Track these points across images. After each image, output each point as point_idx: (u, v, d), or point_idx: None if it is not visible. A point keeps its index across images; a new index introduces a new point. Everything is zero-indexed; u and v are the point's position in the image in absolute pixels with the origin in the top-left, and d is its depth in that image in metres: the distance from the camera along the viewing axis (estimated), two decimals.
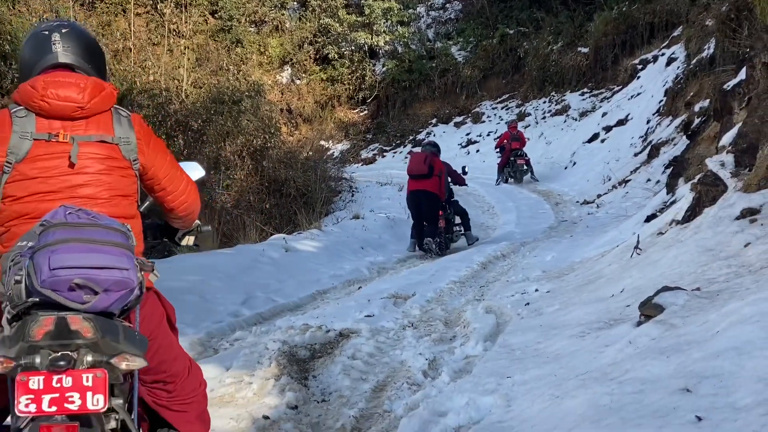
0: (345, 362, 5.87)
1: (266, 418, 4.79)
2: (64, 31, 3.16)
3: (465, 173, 14.29)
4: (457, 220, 13.83)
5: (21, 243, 2.64)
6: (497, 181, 23.02)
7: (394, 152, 32.79)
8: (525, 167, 23.22)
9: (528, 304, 7.13)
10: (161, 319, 3.27)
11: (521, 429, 3.80)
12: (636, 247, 7.34)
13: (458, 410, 4.36)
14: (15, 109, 3.00)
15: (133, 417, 2.83)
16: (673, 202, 8.91)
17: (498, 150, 23.96)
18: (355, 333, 6.71)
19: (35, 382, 2.46)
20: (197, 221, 3.66)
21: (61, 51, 3.12)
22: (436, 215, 12.82)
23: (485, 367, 5.11)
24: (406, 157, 31.17)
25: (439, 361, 5.89)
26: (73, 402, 2.48)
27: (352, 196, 20.26)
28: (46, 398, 2.46)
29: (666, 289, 4.86)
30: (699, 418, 3.02)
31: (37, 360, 2.50)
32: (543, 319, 6.24)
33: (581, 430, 3.38)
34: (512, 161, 23.18)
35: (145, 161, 3.19)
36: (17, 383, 2.46)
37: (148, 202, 3.52)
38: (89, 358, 2.55)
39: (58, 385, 2.48)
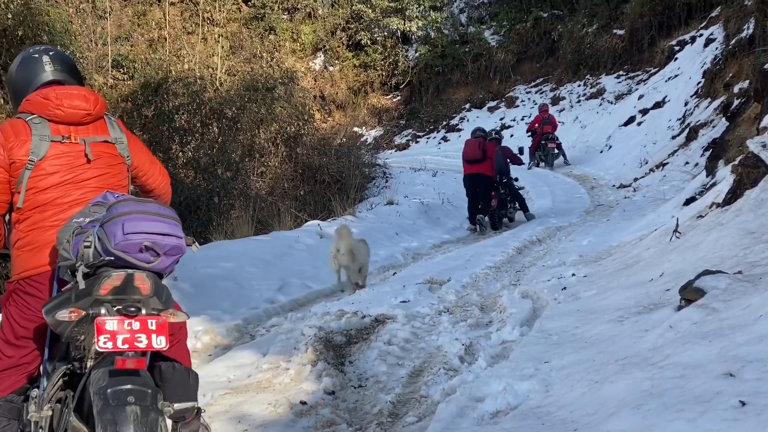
0: (381, 348, 5.87)
1: (303, 403, 4.79)
2: (51, 53, 3.82)
3: (521, 153, 16.15)
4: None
5: (77, 219, 3.23)
6: (529, 165, 22.80)
7: (428, 138, 32.72)
8: (556, 151, 23.08)
9: (565, 288, 7.06)
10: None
11: (560, 414, 3.76)
12: (675, 231, 7.23)
13: (495, 395, 4.33)
14: (29, 118, 3.57)
15: None
16: (713, 185, 8.75)
17: (529, 134, 23.80)
18: (390, 318, 6.70)
19: (111, 324, 2.98)
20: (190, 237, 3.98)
21: (52, 70, 3.76)
22: (489, 195, 14.16)
23: (522, 352, 5.07)
24: (439, 143, 31.19)
25: (476, 346, 5.86)
26: (141, 341, 3.01)
27: (386, 182, 20.23)
28: (120, 337, 2.98)
29: (707, 272, 4.77)
30: (743, 403, 2.96)
31: (103, 311, 3.00)
32: (580, 304, 6.17)
33: (621, 415, 3.34)
34: (543, 145, 23.04)
35: (133, 156, 3.84)
36: (97, 325, 2.96)
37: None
38: (143, 311, 3.06)
39: (129, 327, 3.00)
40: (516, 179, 15.55)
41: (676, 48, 24.71)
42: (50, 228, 3.41)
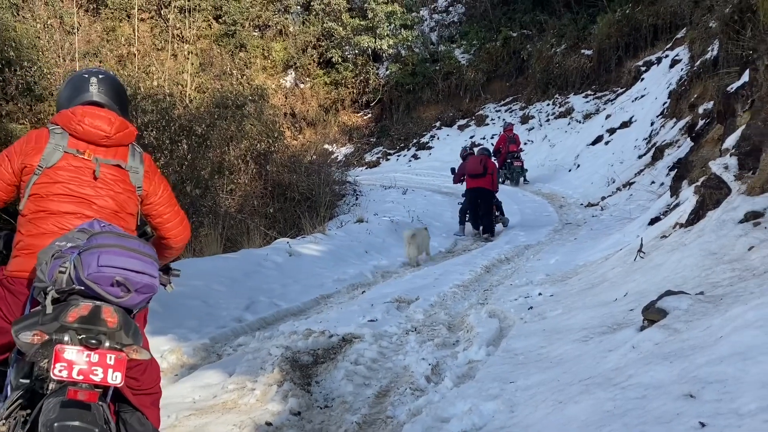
0: (348, 368, 5.86)
1: (269, 424, 4.78)
2: (101, 77, 3.93)
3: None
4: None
5: (60, 243, 3.25)
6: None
7: (398, 155, 32.78)
8: (520, 170, 23.32)
9: (531, 308, 7.12)
10: (144, 319, 3.81)
11: None
12: (639, 251, 7.33)
13: (461, 416, 4.35)
14: (53, 128, 3.70)
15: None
16: (677, 205, 8.88)
17: (494, 152, 24.03)
18: (358, 338, 6.69)
19: (70, 353, 3.00)
20: (169, 265, 4.17)
21: (96, 92, 3.86)
22: (491, 207, 15.44)
23: (488, 372, 5.10)
24: (409, 161, 31.30)
25: (442, 366, 5.88)
26: (97, 375, 3.02)
27: (356, 199, 20.24)
28: (76, 368, 3.00)
29: (669, 293, 4.84)
30: (703, 425, 3.00)
31: (66, 338, 3.02)
32: (546, 324, 6.22)
33: None
34: (509, 163, 23.29)
35: (148, 189, 3.85)
36: (55, 352, 2.98)
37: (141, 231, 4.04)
38: (107, 344, 3.06)
39: (87, 359, 3.02)
40: None
41: (643, 69, 25.06)
42: (49, 236, 3.44)
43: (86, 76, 3.91)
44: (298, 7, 37.67)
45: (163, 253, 4.01)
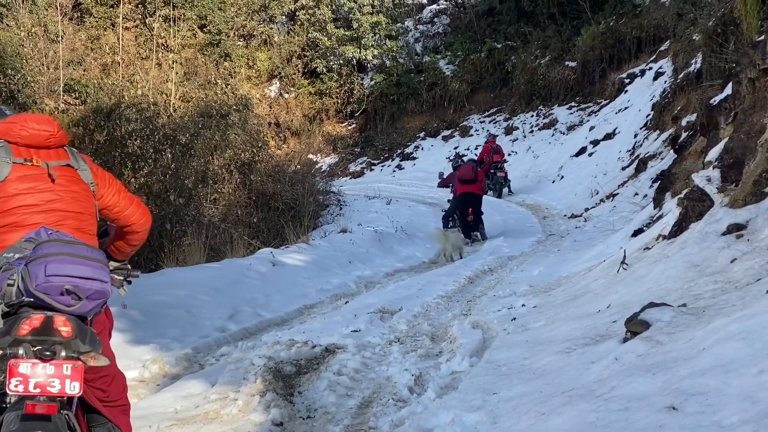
0: (331, 378, 5.84)
1: None
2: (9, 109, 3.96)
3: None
4: None
5: (7, 254, 3.21)
6: None
7: (382, 166, 32.81)
8: (504, 180, 23.37)
9: (515, 319, 7.12)
10: (107, 328, 3.75)
11: None
12: (623, 262, 7.35)
13: (444, 427, 4.34)
14: None
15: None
16: (660, 217, 8.92)
17: (478, 162, 24.06)
18: (341, 348, 6.68)
19: (24, 367, 2.97)
20: (128, 266, 4.08)
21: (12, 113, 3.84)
22: (480, 210, 16.26)
23: (471, 383, 5.09)
24: (393, 171, 31.33)
25: (425, 377, 5.87)
26: (54, 386, 2.99)
27: (340, 209, 20.19)
28: (32, 381, 2.97)
29: (652, 305, 4.85)
30: None
31: (20, 351, 2.99)
32: (529, 335, 6.22)
33: None
34: (492, 173, 23.27)
35: (98, 183, 3.80)
36: (9, 367, 2.96)
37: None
38: (63, 354, 3.04)
39: (43, 371, 2.99)
40: None
41: (627, 81, 25.22)
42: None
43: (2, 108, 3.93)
44: (283, 18, 37.72)
45: (130, 241, 4.01)
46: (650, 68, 23.65)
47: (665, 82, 20.65)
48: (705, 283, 5.37)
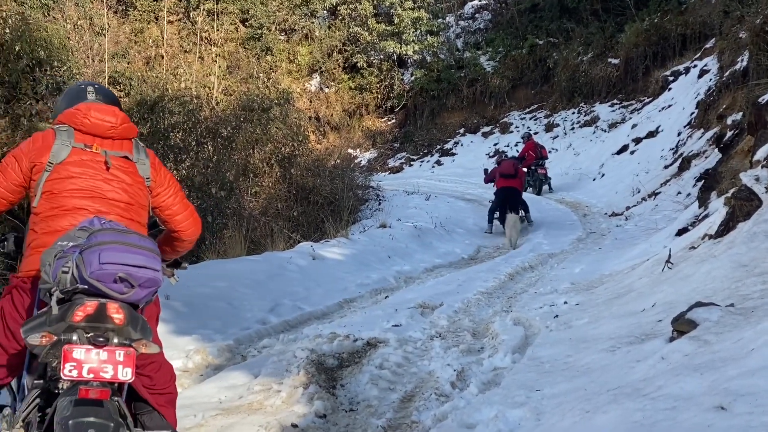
0: (373, 372, 5.87)
1: (295, 426, 4.79)
2: (96, 86, 4.04)
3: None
4: None
5: (62, 243, 3.24)
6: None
7: (422, 161, 32.75)
8: (544, 178, 23.22)
9: (557, 316, 7.08)
10: (157, 316, 3.81)
11: None
12: (668, 261, 7.27)
13: (487, 422, 4.34)
14: (58, 126, 3.73)
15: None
16: (706, 216, 8.81)
17: (519, 159, 23.94)
18: (382, 342, 6.70)
19: (79, 353, 3.03)
20: (170, 269, 4.14)
21: (94, 98, 3.93)
22: (518, 204, 16.61)
23: (514, 380, 5.08)
24: (432, 167, 31.27)
25: (467, 372, 5.87)
26: (107, 372, 3.06)
27: (379, 204, 20.21)
28: (86, 366, 3.03)
29: (699, 304, 4.80)
30: None
31: (74, 337, 3.06)
32: (572, 332, 6.19)
33: None
34: (533, 170, 23.12)
35: (156, 180, 3.87)
36: (64, 352, 3.02)
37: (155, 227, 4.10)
38: (115, 340, 3.11)
39: (96, 357, 3.05)
40: None
41: (671, 78, 24.87)
42: (63, 233, 3.42)
43: (83, 86, 4.00)
44: (325, 12, 37.77)
45: (176, 247, 4.08)
46: (695, 66, 23.31)
47: (710, 80, 20.34)
48: (753, 283, 5.30)
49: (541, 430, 4.03)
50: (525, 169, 22.42)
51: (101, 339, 3.07)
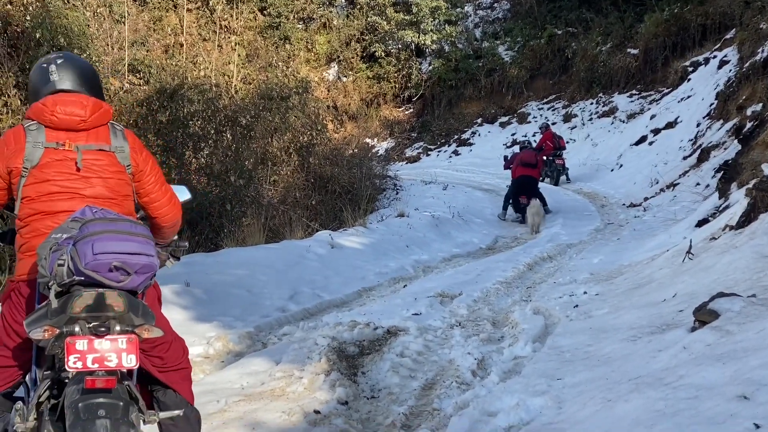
0: (394, 360, 5.91)
1: (317, 412, 4.83)
2: (59, 62, 3.78)
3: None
4: None
5: (55, 235, 3.24)
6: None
7: (439, 151, 32.72)
8: (561, 168, 23.17)
9: (577, 306, 7.10)
10: (157, 298, 3.78)
11: (573, 431, 3.79)
12: (688, 252, 7.26)
13: (508, 411, 4.37)
14: (27, 124, 3.62)
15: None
16: (726, 207, 8.79)
17: (538, 149, 23.88)
18: (403, 331, 6.74)
19: (81, 344, 3.06)
20: (175, 237, 4.17)
21: (58, 79, 3.73)
22: (536, 193, 16.83)
23: (535, 369, 5.11)
24: (450, 157, 31.23)
25: (488, 361, 5.90)
26: (111, 360, 3.08)
27: (397, 194, 20.25)
28: (90, 357, 3.06)
29: (721, 295, 4.81)
30: (757, 426, 3.00)
31: (76, 329, 3.08)
32: (592, 322, 6.20)
33: None
34: (551, 160, 23.06)
35: (136, 167, 3.77)
36: (66, 345, 3.05)
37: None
38: (117, 328, 3.14)
39: (99, 347, 3.08)
40: None
41: (690, 69, 24.72)
42: (47, 235, 3.38)
43: (45, 65, 3.78)
44: (343, 1, 37.79)
45: (157, 234, 3.97)
46: (714, 56, 23.16)
47: (730, 71, 20.21)
48: None
49: (563, 418, 4.05)
50: (544, 158, 22.45)
51: (102, 329, 3.11)
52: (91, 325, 3.11)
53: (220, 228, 13.93)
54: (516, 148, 23.56)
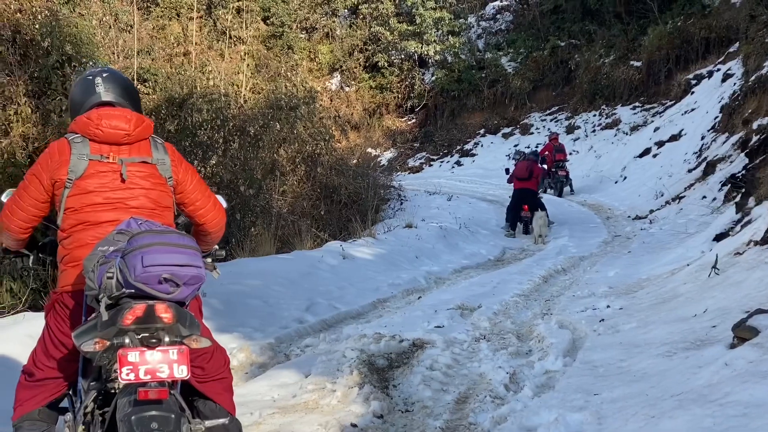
0: (424, 373, 5.89)
1: (354, 426, 4.82)
2: (105, 75, 3.89)
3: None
4: None
5: (102, 248, 3.26)
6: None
7: (441, 161, 32.80)
8: (565, 179, 23.20)
9: (603, 320, 7.09)
10: (198, 308, 3.86)
11: None
12: (714, 267, 7.26)
13: (547, 426, 4.36)
14: (72, 137, 3.68)
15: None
16: (748, 222, 8.79)
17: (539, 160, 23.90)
18: (428, 344, 6.72)
19: (133, 356, 3.09)
20: (216, 246, 4.25)
21: (103, 92, 3.83)
22: (535, 204, 16.88)
23: (570, 383, 5.10)
24: (453, 167, 31.29)
25: (519, 375, 5.88)
26: (163, 372, 3.11)
27: (401, 204, 20.25)
28: (142, 369, 3.08)
29: (760, 311, 4.81)
30: None
31: (126, 341, 3.12)
32: (622, 337, 6.20)
33: None
34: (554, 172, 23.12)
35: (178, 178, 3.84)
36: (119, 357, 3.08)
37: (181, 219, 4.11)
38: (166, 339, 3.18)
39: (151, 358, 3.11)
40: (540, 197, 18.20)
41: (693, 82, 24.83)
42: (92, 246, 3.42)
43: (90, 77, 3.88)
44: (346, 11, 37.89)
45: (202, 240, 4.02)
46: (718, 69, 23.25)
47: (734, 84, 20.27)
48: None
49: None
50: (545, 166, 22.45)
51: (153, 340, 3.16)
52: (140, 337, 3.14)
53: (228, 237, 13.91)
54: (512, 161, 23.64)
